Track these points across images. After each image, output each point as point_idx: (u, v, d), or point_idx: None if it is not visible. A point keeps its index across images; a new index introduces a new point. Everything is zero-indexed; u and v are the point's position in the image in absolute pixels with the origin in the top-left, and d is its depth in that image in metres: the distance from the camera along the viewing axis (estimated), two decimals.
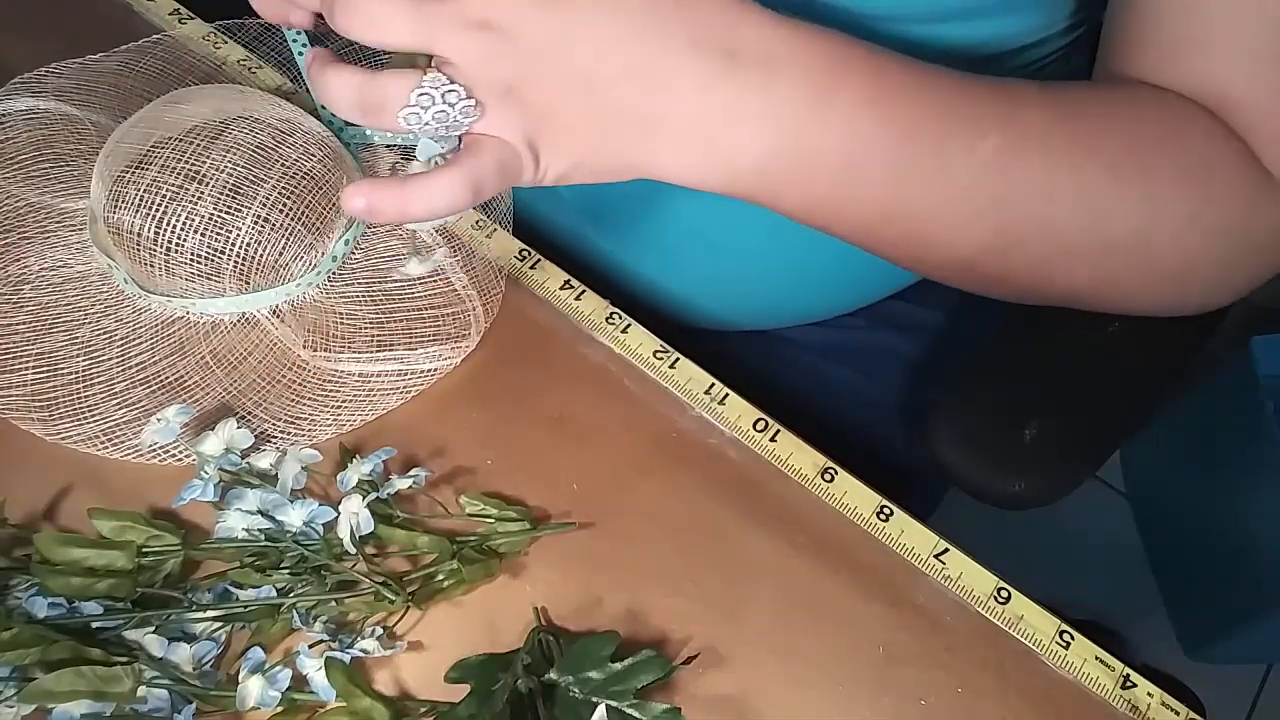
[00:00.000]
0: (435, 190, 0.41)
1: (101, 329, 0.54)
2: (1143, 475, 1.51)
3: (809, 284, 0.68)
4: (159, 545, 0.47)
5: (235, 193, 0.52)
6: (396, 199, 0.41)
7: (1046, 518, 0.80)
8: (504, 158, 0.42)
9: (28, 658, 0.42)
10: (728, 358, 0.57)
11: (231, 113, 0.55)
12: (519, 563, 0.49)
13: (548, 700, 0.44)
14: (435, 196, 0.41)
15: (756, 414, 0.53)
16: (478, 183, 0.41)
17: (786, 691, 0.47)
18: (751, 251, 0.65)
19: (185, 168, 0.52)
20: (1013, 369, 0.67)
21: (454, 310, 0.56)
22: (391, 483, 0.49)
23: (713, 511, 0.52)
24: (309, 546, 0.46)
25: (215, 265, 0.53)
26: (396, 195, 0.41)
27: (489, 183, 0.42)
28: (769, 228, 0.61)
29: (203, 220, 0.52)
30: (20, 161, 0.59)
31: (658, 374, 0.54)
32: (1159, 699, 0.47)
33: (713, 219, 0.62)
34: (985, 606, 0.49)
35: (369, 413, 0.53)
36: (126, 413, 0.52)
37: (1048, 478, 0.65)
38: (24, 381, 0.52)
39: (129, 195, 0.52)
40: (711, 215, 0.62)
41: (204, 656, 0.45)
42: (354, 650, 0.45)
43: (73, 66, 0.64)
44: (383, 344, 0.55)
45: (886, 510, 0.51)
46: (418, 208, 0.41)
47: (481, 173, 0.41)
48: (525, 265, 0.57)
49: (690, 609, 0.49)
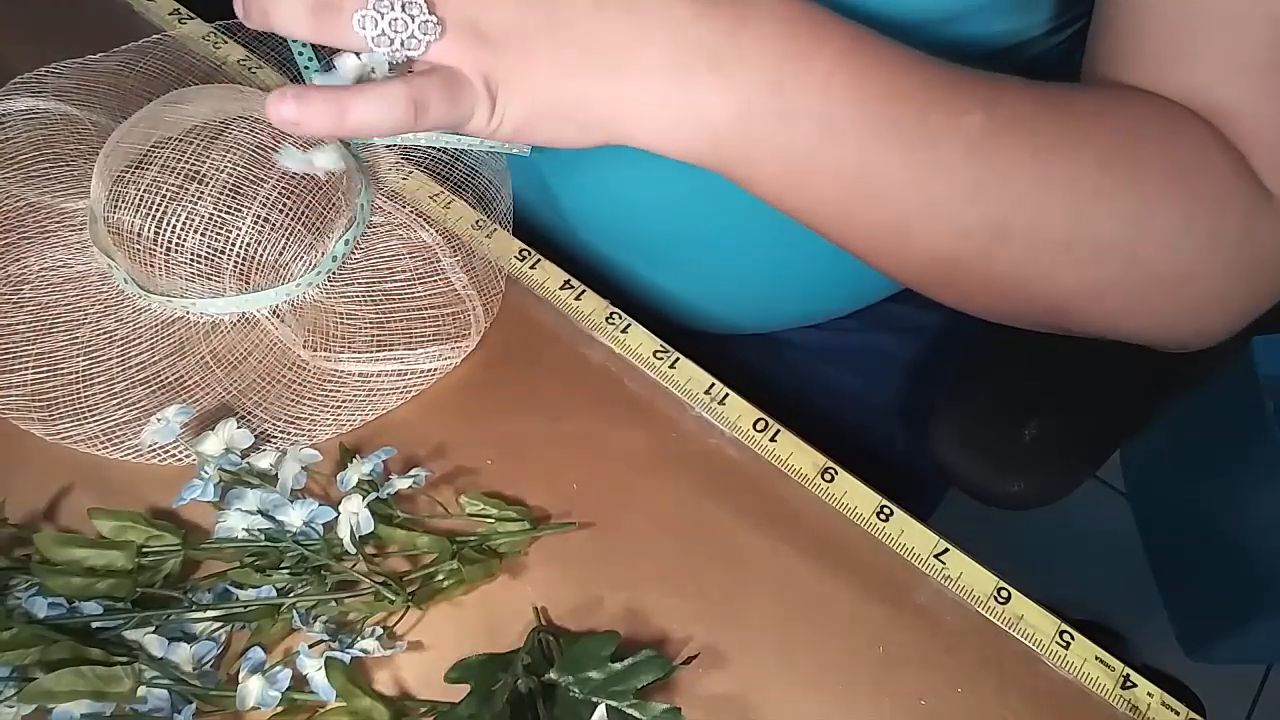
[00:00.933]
0: (374, 101, 0.38)
1: (101, 329, 0.54)
2: (1143, 475, 1.51)
3: (808, 287, 0.68)
4: (159, 545, 0.47)
5: (235, 192, 0.52)
6: (331, 107, 0.38)
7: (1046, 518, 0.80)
8: (455, 87, 0.39)
9: (28, 658, 0.42)
10: (728, 359, 0.57)
11: (231, 113, 0.55)
12: (519, 563, 0.49)
13: (548, 700, 0.44)
14: (374, 108, 0.38)
15: (756, 414, 0.53)
16: (422, 101, 0.39)
17: (786, 691, 0.47)
18: (750, 255, 0.65)
19: (185, 168, 0.52)
20: (1012, 369, 0.67)
21: (454, 310, 0.56)
22: (391, 483, 0.49)
23: (713, 511, 0.52)
24: (309, 546, 0.46)
25: (215, 265, 0.53)
26: (331, 103, 0.38)
27: (435, 107, 0.39)
28: (768, 231, 0.61)
29: (203, 220, 0.52)
30: (20, 161, 0.59)
31: (658, 374, 0.54)
32: (1159, 699, 0.47)
33: (712, 224, 0.62)
34: (985, 606, 0.49)
35: (369, 413, 0.53)
36: (126, 413, 0.52)
37: (1048, 478, 0.65)
38: (24, 381, 0.52)
39: (129, 195, 0.52)
40: (711, 221, 0.62)
41: (204, 656, 0.45)
42: (354, 650, 0.45)
43: (73, 66, 0.64)
44: (383, 344, 0.55)
45: (886, 510, 0.51)
46: (354, 118, 0.38)
47: (427, 92, 0.39)
48: (525, 265, 0.57)
49: (690, 609, 0.49)
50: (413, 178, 0.60)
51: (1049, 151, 0.43)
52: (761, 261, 0.65)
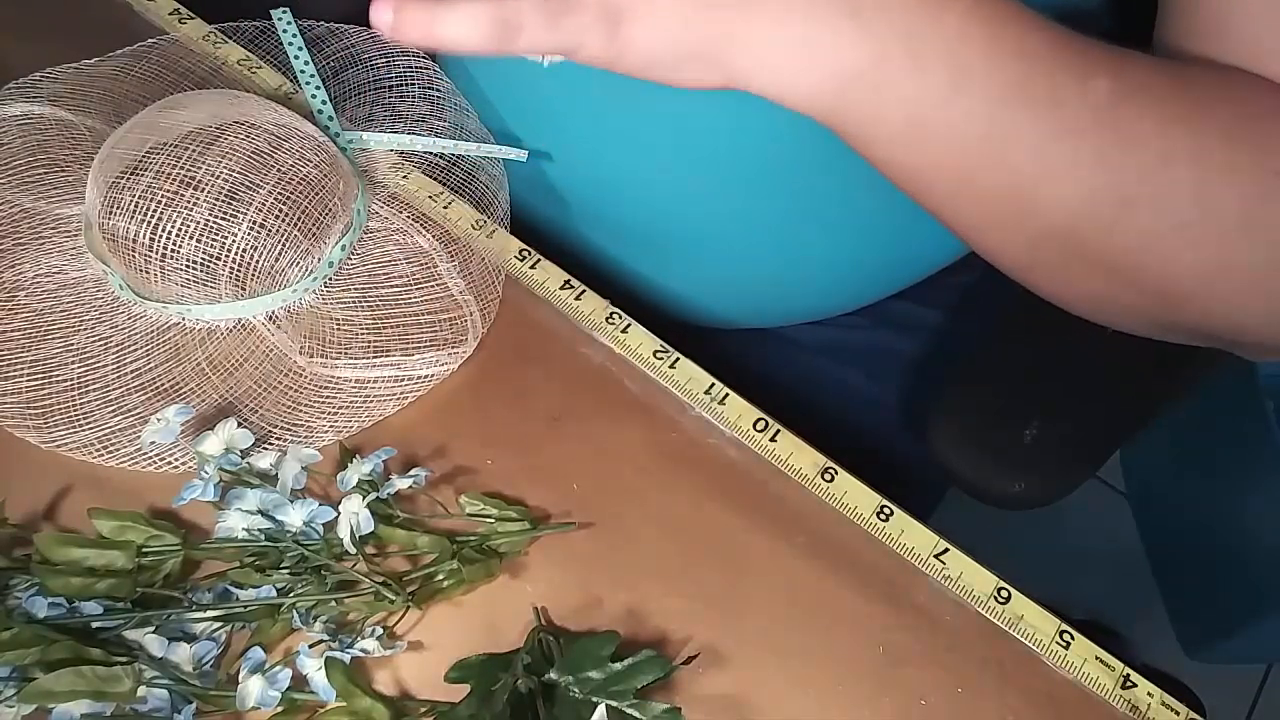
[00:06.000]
0: (463, 19, 0.37)
1: (97, 335, 0.54)
2: (1143, 475, 1.51)
3: (809, 282, 0.68)
4: (159, 545, 0.47)
5: (231, 198, 0.52)
6: (424, 17, 0.37)
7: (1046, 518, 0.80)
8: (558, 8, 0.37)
9: (28, 658, 0.42)
10: (728, 357, 0.57)
11: (227, 118, 0.55)
12: (519, 563, 0.49)
13: (548, 700, 0.43)
14: (461, 26, 0.37)
15: (756, 414, 0.53)
16: (513, 21, 0.37)
17: (786, 691, 0.47)
18: (753, 250, 0.64)
19: (181, 173, 0.52)
20: (1013, 369, 0.67)
21: (451, 316, 0.56)
22: (391, 483, 0.48)
23: (713, 511, 0.52)
24: (309, 546, 0.46)
25: (211, 271, 0.52)
26: (425, 12, 0.37)
27: (530, 31, 0.37)
28: (771, 226, 0.62)
29: (198, 226, 0.52)
30: (15, 167, 0.59)
31: (658, 374, 0.54)
32: (1159, 699, 0.47)
33: (714, 218, 0.63)
34: (985, 606, 0.49)
35: (366, 419, 0.53)
36: (122, 420, 0.52)
37: (1048, 478, 0.65)
38: (19, 389, 0.52)
39: (124, 201, 0.52)
40: (713, 215, 0.62)
41: (204, 656, 0.45)
42: (354, 650, 0.45)
43: (68, 71, 0.64)
44: (379, 350, 0.55)
45: (886, 510, 0.51)
46: (445, 32, 0.37)
47: (520, 12, 0.37)
48: (525, 265, 0.57)
49: (690, 609, 0.49)
50: (412, 178, 0.60)
51: (1175, 123, 0.41)
52: (764, 256, 0.65)
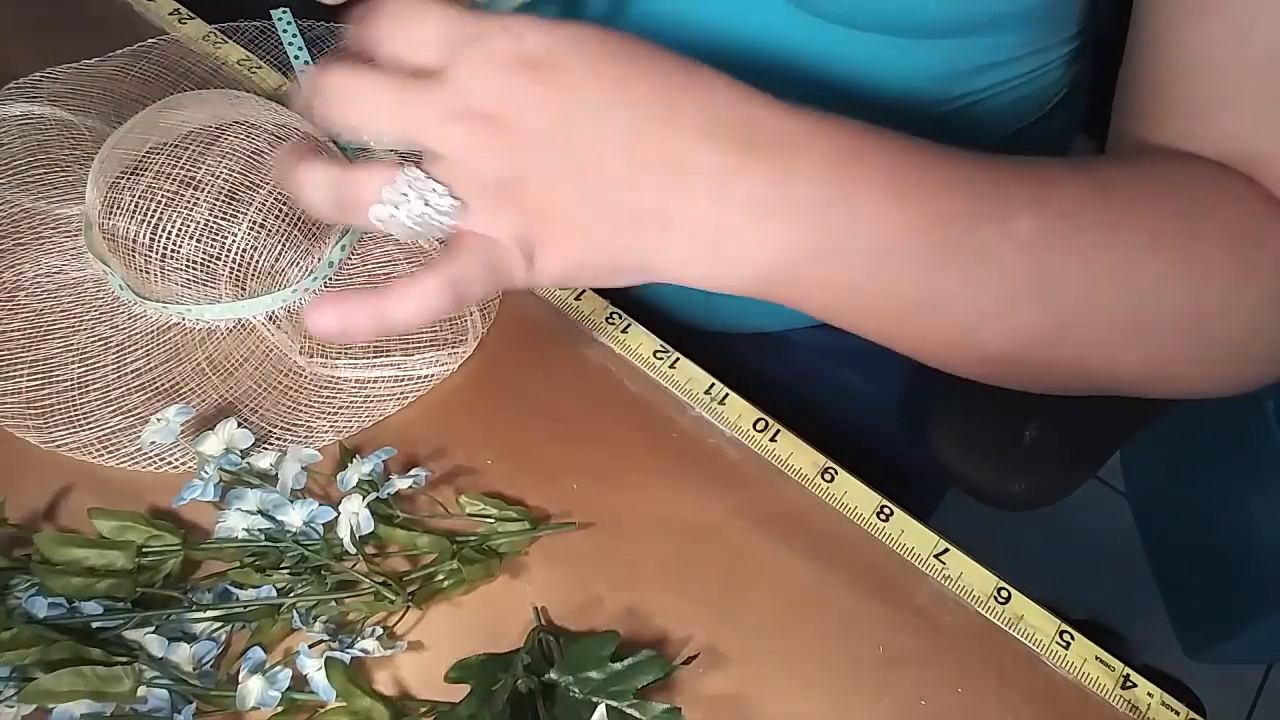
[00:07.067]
0: (413, 299, 0.38)
1: (96, 335, 0.54)
2: (1143, 475, 1.51)
3: None
4: (159, 545, 0.47)
5: (231, 198, 0.52)
6: (371, 312, 0.38)
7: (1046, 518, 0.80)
8: (492, 258, 0.38)
9: (28, 658, 0.42)
10: (728, 358, 0.57)
11: (227, 118, 0.55)
12: (519, 563, 0.49)
13: (548, 700, 0.43)
14: (413, 306, 0.38)
15: (756, 414, 0.53)
16: (462, 287, 0.38)
17: (786, 691, 0.47)
18: None
19: (181, 173, 0.52)
20: None
21: (451, 316, 0.56)
22: (391, 483, 0.48)
23: (712, 511, 0.51)
24: (309, 546, 0.46)
25: (211, 271, 0.52)
26: (371, 308, 0.38)
27: (474, 287, 0.38)
28: None
29: (198, 226, 0.52)
30: (15, 167, 0.59)
31: (658, 374, 0.54)
32: (1159, 699, 0.47)
33: None
34: (985, 606, 0.49)
35: (366, 419, 0.53)
36: (122, 420, 0.52)
37: (1048, 478, 0.65)
38: (19, 389, 0.52)
39: (124, 201, 0.52)
40: None
41: (204, 656, 0.44)
42: (354, 650, 0.45)
43: (68, 71, 0.64)
44: (379, 350, 0.55)
45: (886, 510, 0.51)
46: (396, 318, 0.38)
47: (466, 275, 0.38)
48: None
49: (690, 609, 0.49)
50: None
51: (1102, 244, 0.42)
52: None
